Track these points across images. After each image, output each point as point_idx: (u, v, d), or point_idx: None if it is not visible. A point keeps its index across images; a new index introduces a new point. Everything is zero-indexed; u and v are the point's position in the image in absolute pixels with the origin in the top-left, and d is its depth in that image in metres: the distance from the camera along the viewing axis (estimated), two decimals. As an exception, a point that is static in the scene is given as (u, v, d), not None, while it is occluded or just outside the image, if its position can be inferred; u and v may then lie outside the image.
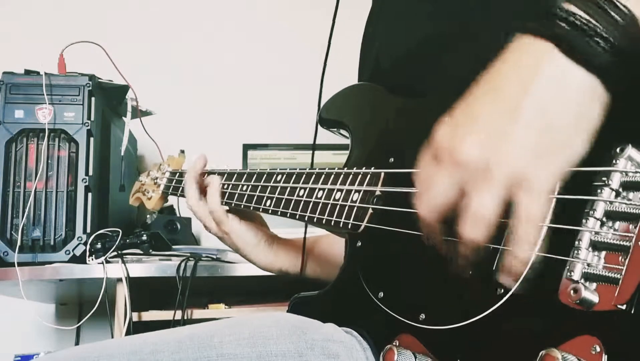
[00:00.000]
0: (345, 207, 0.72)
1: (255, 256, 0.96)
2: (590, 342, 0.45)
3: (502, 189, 0.47)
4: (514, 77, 0.48)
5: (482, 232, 0.48)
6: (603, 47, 0.45)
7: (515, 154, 0.46)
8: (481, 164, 0.47)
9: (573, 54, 0.46)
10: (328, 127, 0.86)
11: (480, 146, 0.47)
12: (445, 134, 0.50)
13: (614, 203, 0.47)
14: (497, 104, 0.48)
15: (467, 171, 0.48)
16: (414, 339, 0.58)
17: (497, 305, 0.52)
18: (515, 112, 0.47)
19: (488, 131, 0.47)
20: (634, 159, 0.47)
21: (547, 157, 0.46)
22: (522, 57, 0.48)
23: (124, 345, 0.65)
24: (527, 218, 0.47)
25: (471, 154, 0.47)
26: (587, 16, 0.45)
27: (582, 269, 0.47)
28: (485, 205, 0.47)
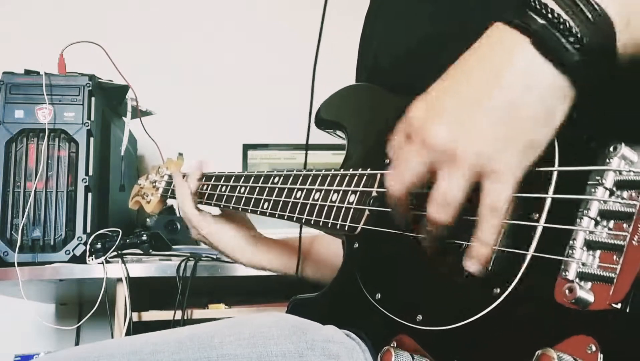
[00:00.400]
0: (342, 209, 0.72)
1: (236, 256, 1.00)
2: (585, 341, 0.45)
3: (468, 174, 0.49)
4: (486, 65, 0.49)
5: (446, 214, 0.50)
6: (574, 46, 0.45)
7: (482, 141, 0.48)
8: (449, 148, 0.49)
9: (544, 49, 0.46)
10: (325, 128, 0.86)
11: (448, 130, 0.49)
12: (418, 114, 0.52)
13: (608, 202, 0.47)
14: (469, 91, 0.49)
15: (435, 153, 0.50)
16: (412, 340, 0.58)
17: (493, 306, 0.52)
18: (485, 100, 0.48)
19: (458, 117, 0.49)
20: (627, 158, 0.47)
21: (512, 147, 0.48)
22: (496, 45, 0.49)
23: (124, 345, 0.65)
24: (491, 204, 0.49)
25: (440, 137, 0.49)
26: (561, 12, 0.46)
27: (577, 269, 0.47)
28: (450, 188, 0.49)
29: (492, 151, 0.48)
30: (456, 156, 0.48)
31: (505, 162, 0.48)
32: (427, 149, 0.50)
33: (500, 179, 0.48)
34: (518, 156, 0.48)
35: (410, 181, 0.52)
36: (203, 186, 1.01)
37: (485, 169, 0.48)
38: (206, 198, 1.00)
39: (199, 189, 1.00)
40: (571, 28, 0.45)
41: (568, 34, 0.45)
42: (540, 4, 0.47)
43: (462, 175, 0.49)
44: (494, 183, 0.48)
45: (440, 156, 0.49)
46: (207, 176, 1.02)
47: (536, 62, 0.47)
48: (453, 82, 0.51)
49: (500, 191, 0.48)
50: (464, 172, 0.49)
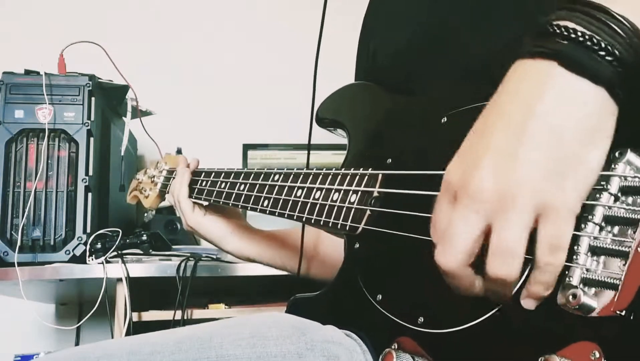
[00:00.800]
0: (342, 208, 0.71)
1: (224, 247, 1.03)
2: (589, 348, 0.44)
3: (527, 217, 0.44)
4: (518, 100, 0.45)
5: (513, 266, 0.44)
6: (605, 58, 0.43)
7: (532, 177, 0.43)
8: (499, 193, 0.44)
9: (577, 68, 0.44)
10: (325, 126, 0.86)
11: (493, 175, 0.44)
12: (456, 172, 0.47)
13: (613, 207, 0.46)
14: (504, 130, 0.45)
15: (486, 204, 0.45)
16: (413, 342, 0.58)
17: (496, 309, 0.51)
18: (524, 134, 0.44)
19: (499, 159, 0.45)
20: (632, 164, 0.47)
21: (565, 175, 0.43)
22: (524, 79, 0.46)
23: (124, 345, 0.65)
24: (553, 245, 0.44)
25: (486, 185, 0.45)
26: (586, 30, 0.44)
27: (581, 275, 0.46)
28: (512, 237, 0.44)
29: (546, 184, 0.43)
30: (509, 198, 0.44)
31: (565, 196, 0.43)
32: (476, 202, 0.45)
33: (561, 216, 0.43)
34: (577, 186, 0.44)
35: (465, 249, 0.46)
36: (202, 182, 1.01)
37: (544, 207, 0.43)
38: (205, 194, 1.00)
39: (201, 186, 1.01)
40: (599, 42, 0.43)
41: (597, 48, 0.43)
42: (560, 27, 0.45)
43: (521, 219, 0.44)
44: (554, 220, 0.43)
45: (493, 205, 0.44)
46: (206, 172, 1.02)
47: (571, 82, 0.44)
48: (485, 128, 0.47)
49: (562, 228, 0.44)
50: (522, 215, 0.44)
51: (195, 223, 1.01)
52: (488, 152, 0.45)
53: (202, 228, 1.01)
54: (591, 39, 0.43)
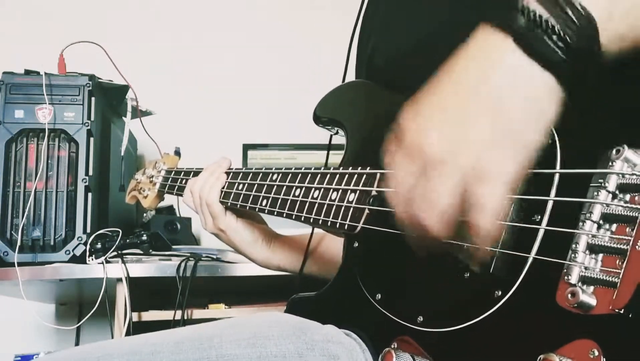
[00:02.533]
0: (341, 207, 0.71)
1: (252, 253, 0.97)
2: (588, 346, 0.44)
3: (458, 179, 0.48)
4: (474, 69, 0.49)
5: (437, 220, 0.49)
6: (559, 46, 0.45)
7: (473, 144, 0.47)
8: (440, 153, 0.48)
9: (530, 50, 0.46)
10: (323, 125, 0.85)
11: (440, 134, 0.49)
12: (409, 120, 0.51)
13: (611, 205, 0.47)
14: (458, 94, 0.49)
15: (427, 159, 0.49)
16: (412, 341, 0.58)
17: (495, 308, 0.51)
18: (474, 101, 0.48)
19: (448, 121, 0.49)
20: (630, 161, 0.47)
21: (502, 149, 0.47)
22: (482, 48, 0.49)
23: (124, 346, 0.65)
24: (483, 208, 0.47)
25: (431, 142, 0.49)
26: (544, 11, 0.46)
27: (580, 273, 0.47)
28: (441, 194, 0.48)
29: (482, 154, 0.47)
30: (446, 161, 0.48)
31: (494, 164, 0.47)
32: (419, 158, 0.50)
33: (491, 182, 0.47)
34: (508, 157, 0.47)
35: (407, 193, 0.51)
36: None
37: (477, 173, 0.47)
38: None
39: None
40: (554, 27, 0.45)
41: (551, 33, 0.45)
42: (522, 6, 0.47)
43: (451, 180, 0.48)
44: (483, 186, 0.47)
45: (432, 164, 0.49)
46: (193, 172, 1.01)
47: (521, 62, 0.46)
48: (441, 89, 0.51)
49: (491, 193, 0.47)
50: (453, 176, 0.48)
51: (227, 225, 0.94)
52: (440, 113, 0.49)
53: (233, 231, 0.95)
54: (547, 22, 0.45)
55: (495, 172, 0.47)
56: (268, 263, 0.98)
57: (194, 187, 0.97)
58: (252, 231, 0.96)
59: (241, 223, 0.95)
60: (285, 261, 0.98)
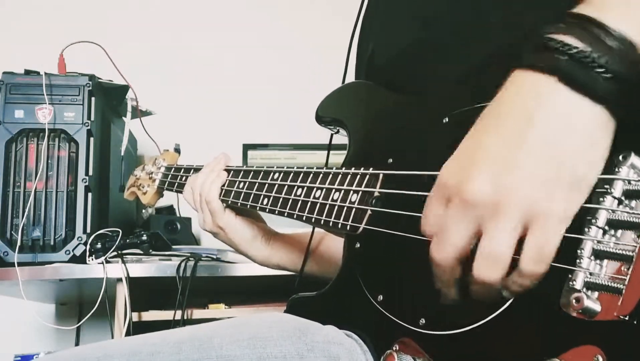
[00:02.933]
0: (343, 208, 0.71)
1: (251, 252, 0.96)
2: (592, 352, 0.44)
3: (516, 224, 0.45)
4: (517, 109, 0.46)
5: (498, 271, 0.46)
6: (604, 75, 0.43)
7: (526, 186, 0.44)
8: (493, 200, 0.45)
9: (575, 84, 0.44)
10: (325, 124, 0.85)
11: (488, 181, 0.46)
12: (452, 172, 0.48)
13: (617, 211, 0.46)
14: (502, 137, 0.46)
15: (479, 209, 0.46)
16: (415, 344, 0.58)
17: (498, 312, 0.51)
18: (522, 143, 0.45)
19: (496, 165, 0.46)
20: (636, 167, 0.46)
21: (558, 188, 0.44)
22: (524, 88, 0.46)
23: (124, 346, 0.65)
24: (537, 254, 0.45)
25: (481, 190, 0.46)
26: (581, 45, 0.44)
27: (585, 278, 0.46)
28: (500, 242, 0.45)
29: (539, 193, 0.44)
30: (501, 205, 0.45)
31: (554, 205, 0.44)
32: (470, 206, 0.46)
33: (549, 225, 0.44)
34: (566, 197, 0.45)
35: (458, 247, 0.47)
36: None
37: (534, 215, 0.44)
38: None
39: None
40: (597, 58, 0.43)
41: (596, 65, 0.43)
42: (558, 42, 0.45)
43: (511, 226, 0.45)
44: (542, 230, 0.44)
45: (485, 211, 0.45)
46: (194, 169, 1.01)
47: (570, 99, 0.44)
48: (483, 133, 0.48)
49: (548, 238, 0.44)
50: (512, 222, 0.45)
51: (226, 223, 0.93)
52: (484, 158, 0.46)
53: (232, 229, 0.94)
54: (590, 55, 0.44)
55: (556, 214, 0.44)
56: (267, 262, 0.98)
57: (194, 184, 0.97)
58: (252, 228, 0.95)
59: (240, 221, 0.94)
60: (285, 260, 0.98)
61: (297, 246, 0.98)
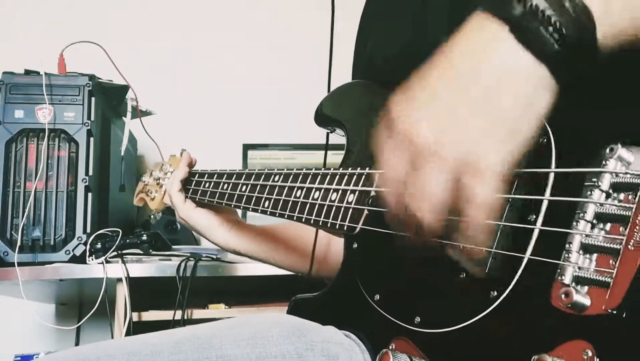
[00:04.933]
0: (341, 208, 0.71)
1: (211, 236, 1.04)
2: (581, 346, 0.44)
3: (450, 169, 0.47)
4: (467, 56, 0.48)
5: (429, 211, 0.48)
6: (554, 37, 0.44)
7: (463, 134, 0.46)
8: (430, 142, 0.47)
9: (524, 40, 0.45)
10: (324, 125, 0.86)
11: (430, 123, 0.48)
12: (399, 108, 0.50)
13: (605, 204, 0.46)
14: (449, 82, 0.48)
15: (417, 148, 0.48)
16: (410, 342, 0.58)
17: (490, 308, 0.51)
18: (467, 92, 0.47)
19: (439, 109, 0.48)
20: (624, 159, 0.47)
21: (491, 136, 0.46)
22: (477, 35, 0.48)
23: (124, 346, 0.65)
24: (475, 200, 0.46)
25: (421, 131, 0.48)
26: (543, 3, 0.45)
27: (573, 273, 0.46)
28: (432, 184, 0.47)
29: (473, 144, 0.46)
30: (438, 151, 0.47)
31: (486, 155, 0.46)
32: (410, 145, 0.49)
33: (482, 173, 0.46)
34: (497, 147, 0.46)
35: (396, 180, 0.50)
36: (205, 183, 1.02)
37: (468, 164, 0.46)
38: (208, 196, 1.01)
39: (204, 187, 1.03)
40: (550, 17, 0.44)
41: (547, 24, 0.44)
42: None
43: (442, 170, 0.47)
44: (474, 177, 0.46)
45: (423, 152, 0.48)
46: (209, 174, 1.03)
47: (515, 51, 0.46)
48: (434, 75, 0.50)
49: (483, 185, 0.46)
50: (445, 166, 0.47)
51: (186, 215, 1.04)
52: (430, 101, 0.48)
53: (192, 219, 1.04)
54: (544, 12, 0.45)
55: (488, 163, 0.46)
56: (225, 246, 1.04)
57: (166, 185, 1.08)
58: (209, 218, 1.03)
59: (198, 212, 1.04)
60: (243, 246, 1.04)
61: (261, 236, 1.04)
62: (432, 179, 0.47)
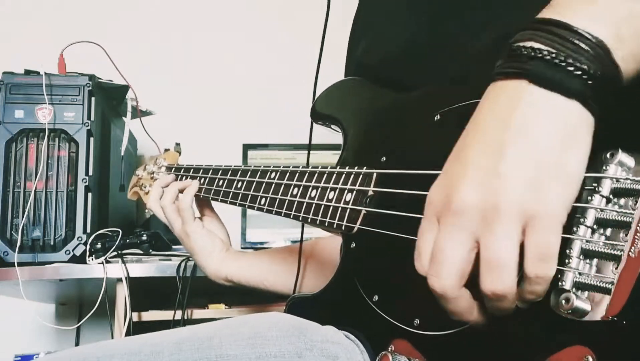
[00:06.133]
0: (338, 208, 0.71)
1: (205, 262, 1.02)
2: (582, 352, 0.44)
3: (514, 227, 0.43)
4: (494, 117, 0.46)
5: (508, 278, 0.44)
6: (576, 74, 0.44)
7: (512, 189, 0.43)
8: (482, 207, 0.44)
9: (548, 84, 0.45)
10: (322, 121, 0.85)
11: (474, 190, 0.45)
12: (437, 192, 0.48)
13: (605, 210, 0.46)
14: (481, 147, 0.46)
15: (470, 219, 0.45)
16: (409, 344, 0.58)
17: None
18: (501, 148, 0.45)
19: (478, 175, 0.45)
20: (624, 165, 0.46)
21: (545, 183, 0.43)
22: (498, 98, 0.47)
23: (124, 346, 0.65)
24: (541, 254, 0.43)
25: (470, 198, 0.45)
26: (551, 49, 0.45)
27: (574, 278, 0.46)
28: (501, 249, 0.43)
29: (526, 194, 0.43)
30: (494, 211, 0.44)
31: (548, 204, 0.43)
32: (459, 216, 0.45)
33: (545, 223, 0.43)
34: (559, 192, 0.43)
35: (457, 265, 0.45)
36: (200, 179, 1.02)
37: (528, 217, 0.43)
38: (203, 192, 1.00)
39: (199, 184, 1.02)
40: (565, 57, 0.44)
41: (564, 63, 0.44)
42: (526, 49, 0.46)
43: (508, 231, 0.43)
44: (538, 229, 0.43)
45: (477, 220, 0.44)
46: (204, 169, 1.02)
47: (544, 96, 0.45)
48: (464, 147, 0.48)
49: (549, 237, 0.43)
50: (509, 226, 0.43)
51: (193, 231, 1.01)
52: (467, 170, 0.46)
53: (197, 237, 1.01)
54: (557, 56, 0.44)
55: (552, 213, 0.43)
56: (216, 275, 1.03)
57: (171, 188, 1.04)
58: (212, 241, 1.02)
59: (205, 232, 1.02)
60: (233, 273, 1.02)
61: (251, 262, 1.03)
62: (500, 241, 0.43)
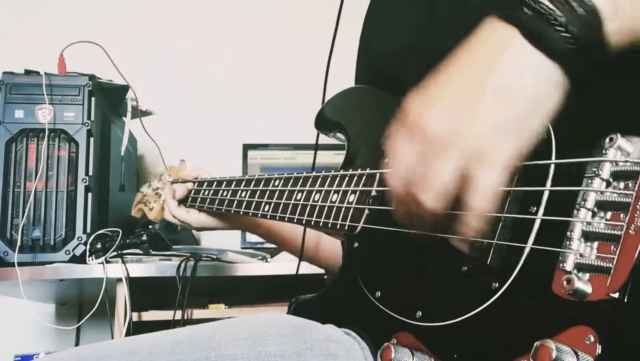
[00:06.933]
0: (341, 209, 0.72)
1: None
2: (584, 332, 0.45)
3: (460, 160, 0.48)
4: (481, 55, 0.50)
5: (437, 199, 0.49)
6: (561, 34, 0.46)
7: (477, 127, 0.48)
8: (444, 133, 0.49)
9: (533, 38, 0.48)
10: (327, 130, 0.86)
11: (444, 116, 0.49)
12: (414, 103, 0.52)
13: (605, 192, 0.47)
14: (465, 80, 0.50)
15: (430, 139, 0.50)
16: (412, 337, 0.58)
17: (492, 300, 0.52)
18: (481, 88, 0.49)
19: (454, 103, 0.50)
20: (623, 149, 0.48)
21: (506, 134, 0.48)
22: (490, 38, 0.50)
23: (124, 346, 0.65)
24: (480, 190, 0.48)
25: (435, 122, 0.49)
26: (550, 4, 0.47)
27: (575, 260, 0.47)
28: (441, 173, 0.49)
29: (486, 137, 0.48)
30: (450, 141, 0.48)
31: (498, 149, 0.48)
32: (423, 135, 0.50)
33: (491, 165, 0.48)
34: (510, 142, 0.48)
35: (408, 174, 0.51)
36: (204, 191, 1.03)
37: (478, 156, 0.48)
38: (208, 203, 1.02)
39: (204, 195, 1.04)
40: (559, 17, 0.46)
41: (556, 23, 0.46)
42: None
43: (454, 160, 0.48)
44: (484, 169, 0.48)
45: (435, 142, 0.49)
46: (208, 182, 1.04)
47: (526, 51, 0.48)
48: (449, 74, 0.52)
49: (490, 177, 0.48)
50: (456, 157, 0.48)
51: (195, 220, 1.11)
52: (446, 95, 0.50)
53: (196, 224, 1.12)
54: (552, 13, 0.47)
55: (496, 157, 0.48)
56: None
57: None
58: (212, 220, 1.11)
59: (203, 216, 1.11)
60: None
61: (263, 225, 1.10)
62: (440, 168, 0.49)
